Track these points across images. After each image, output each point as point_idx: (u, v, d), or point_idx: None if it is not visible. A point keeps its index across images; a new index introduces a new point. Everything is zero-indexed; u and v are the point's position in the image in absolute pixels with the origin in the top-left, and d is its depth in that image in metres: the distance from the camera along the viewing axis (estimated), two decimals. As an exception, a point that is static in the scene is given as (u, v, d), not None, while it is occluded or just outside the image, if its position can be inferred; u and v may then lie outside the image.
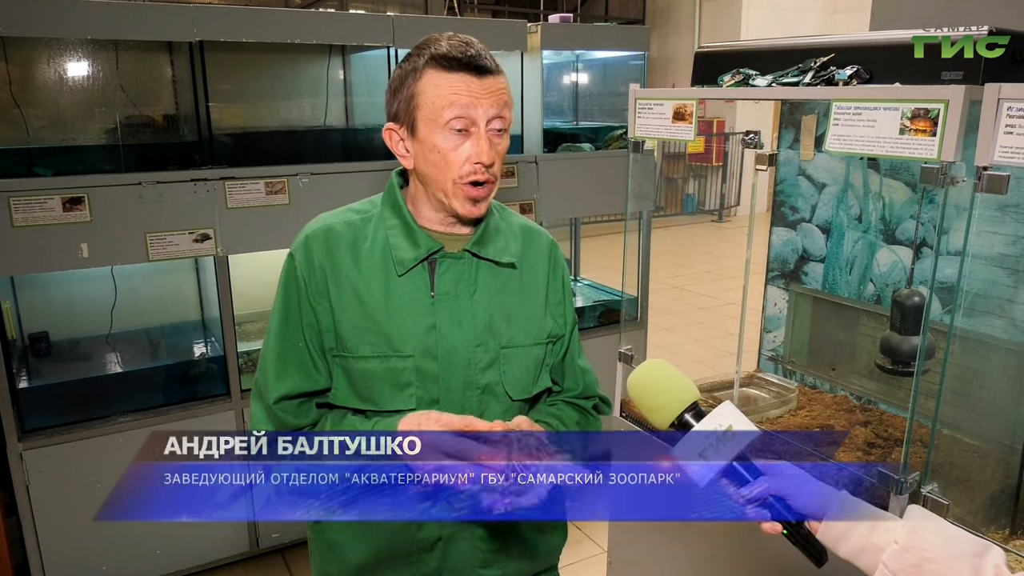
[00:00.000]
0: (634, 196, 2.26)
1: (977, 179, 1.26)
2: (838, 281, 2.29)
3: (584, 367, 1.38)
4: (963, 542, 0.89)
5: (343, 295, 1.18)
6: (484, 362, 1.21)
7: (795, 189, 2.37)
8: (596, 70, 4.01)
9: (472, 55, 1.10)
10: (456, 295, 1.20)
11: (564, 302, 1.32)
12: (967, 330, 1.70)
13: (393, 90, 1.17)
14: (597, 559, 2.95)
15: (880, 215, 2.14)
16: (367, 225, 1.23)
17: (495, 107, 1.12)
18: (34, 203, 2.31)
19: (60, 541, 2.53)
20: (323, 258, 1.19)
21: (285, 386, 1.19)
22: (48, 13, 2.28)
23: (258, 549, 2.91)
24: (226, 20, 2.54)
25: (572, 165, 3.29)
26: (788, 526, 0.98)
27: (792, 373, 2.42)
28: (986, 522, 1.61)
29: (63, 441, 2.49)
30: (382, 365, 1.17)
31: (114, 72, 2.64)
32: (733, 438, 0.98)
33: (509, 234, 1.28)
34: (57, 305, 2.86)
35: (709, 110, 11.15)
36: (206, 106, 2.62)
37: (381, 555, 1.24)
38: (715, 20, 11.29)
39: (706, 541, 1.96)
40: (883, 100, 1.38)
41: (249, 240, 2.66)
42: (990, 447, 1.74)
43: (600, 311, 3.60)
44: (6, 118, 2.53)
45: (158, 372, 2.75)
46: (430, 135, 1.13)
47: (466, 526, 1.24)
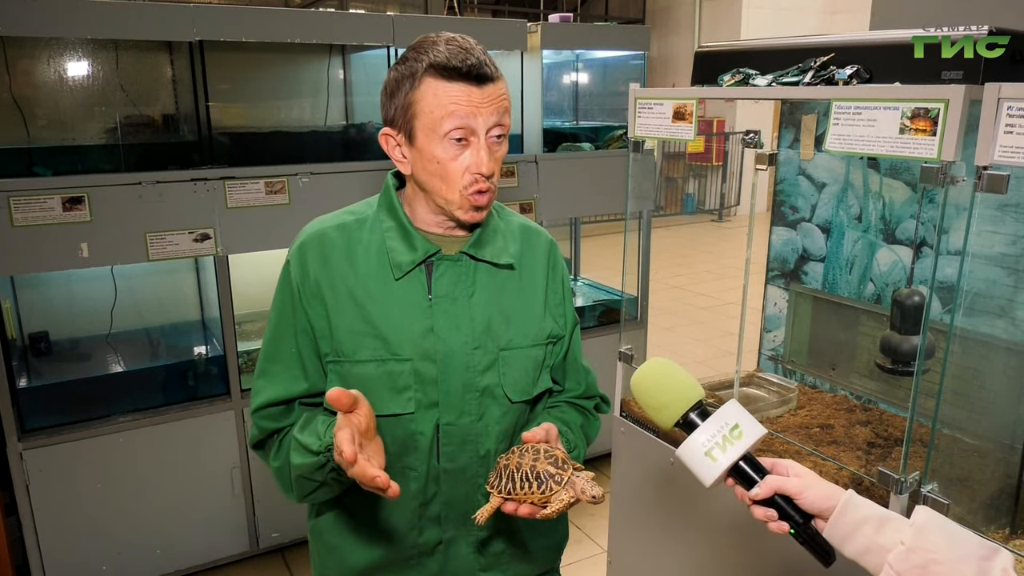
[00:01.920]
0: (634, 196, 2.26)
1: (977, 178, 1.26)
2: (838, 281, 2.29)
3: (586, 367, 1.38)
4: (970, 544, 0.88)
5: (339, 300, 1.17)
6: (483, 364, 1.19)
7: (795, 189, 2.37)
8: (596, 70, 4.01)
9: (472, 63, 1.07)
10: (454, 297, 1.19)
11: (564, 302, 1.31)
12: (967, 330, 1.70)
13: (389, 93, 1.14)
14: (597, 559, 2.95)
15: (880, 215, 2.14)
16: (363, 228, 1.21)
17: (495, 115, 1.10)
18: (34, 203, 2.31)
19: (60, 541, 2.53)
20: (317, 263, 1.18)
21: (266, 395, 1.20)
22: (48, 13, 2.28)
23: (258, 548, 2.91)
24: (226, 20, 2.54)
25: (572, 165, 3.30)
26: (795, 525, 0.97)
27: (792, 373, 2.42)
28: (986, 522, 1.61)
29: (63, 441, 2.49)
30: (380, 369, 1.16)
31: (114, 72, 2.64)
32: (739, 437, 0.97)
33: (507, 234, 1.27)
34: (57, 305, 2.86)
35: (709, 110, 11.15)
36: (206, 106, 2.62)
37: (381, 559, 1.24)
38: (715, 20, 11.29)
39: (706, 540, 1.96)
40: (883, 100, 1.38)
41: (249, 240, 2.66)
42: (990, 447, 1.74)
43: (600, 311, 3.60)
44: (6, 118, 2.53)
45: (158, 372, 2.75)
46: (428, 145, 1.10)
47: (467, 530, 1.24)
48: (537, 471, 1.03)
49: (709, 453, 0.97)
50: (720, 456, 0.97)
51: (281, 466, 1.20)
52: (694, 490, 1.98)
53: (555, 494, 1.03)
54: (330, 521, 1.27)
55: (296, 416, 1.21)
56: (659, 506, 2.14)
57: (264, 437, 1.22)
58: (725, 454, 0.97)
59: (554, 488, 1.02)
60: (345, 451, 0.95)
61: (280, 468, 1.20)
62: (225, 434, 2.75)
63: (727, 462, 0.97)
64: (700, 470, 0.98)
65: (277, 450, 1.21)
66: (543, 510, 1.03)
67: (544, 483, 1.02)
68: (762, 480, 0.97)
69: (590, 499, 1.03)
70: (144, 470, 2.63)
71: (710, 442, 0.97)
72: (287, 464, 1.17)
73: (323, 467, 1.10)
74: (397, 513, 1.22)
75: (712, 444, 0.97)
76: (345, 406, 0.98)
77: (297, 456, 1.13)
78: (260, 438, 1.22)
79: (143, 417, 2.61)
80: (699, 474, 0.98)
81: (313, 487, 1.15)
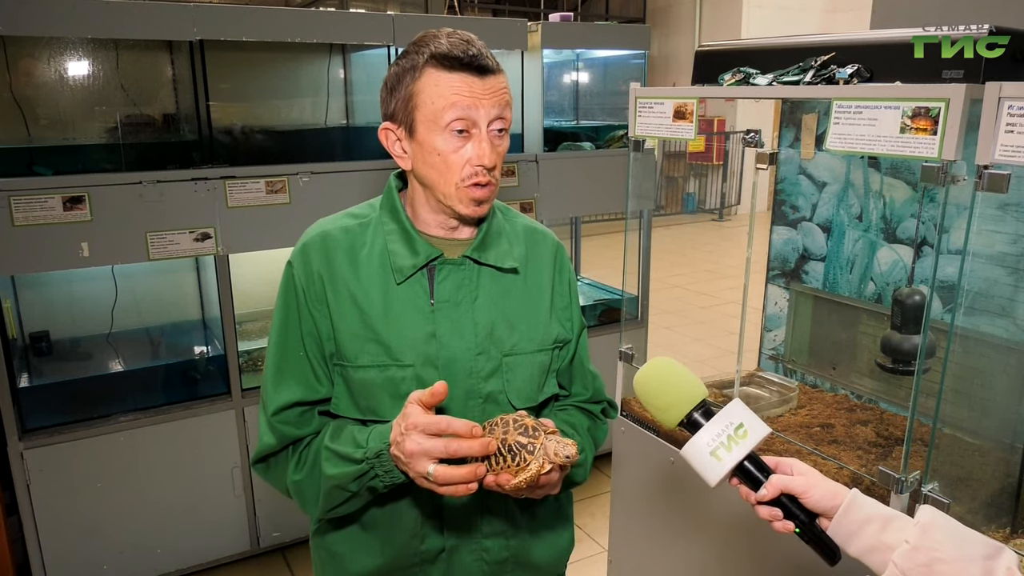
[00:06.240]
0: (635, 195, 2.26)
1: (978, 178, 1.26)
2: (839, 280, 2.28)
3: (593, 372, 1.36)
4: (975, 543, 0.88)
5: (341, 303, 1.15)
6: (486, 371, 1.17)
7: (796, 188, 2.37)
8: (597, 69, 4.01)
9: (474, 54, 1.07)
10: (456, 302, 1.17)
11: (571, 306, 1.29)
12: (968, 329, 1.70)
13: (390, 88, 1.13)
14: (597, 559, 2.95)
15: (881, 214, 2.14)
16: (365, 231, 1.19)
17: (496, 107, 1.09)
18: (34, 202, 2.31)
19: (61, 540, 2.54)
20: (321, 265, 1.16)
21: (283, 397, 1.17)
22: (48, 12, 2.28)
23: (259, 548, 2.91)
24: (226, 19, 2.54)
25: (572, 164, 3.29)
26: (801, 524, 0.96)
27: (793, 372, 2.42)
28: (987, 521, 1.61)
29: (64, 440, 2.49)
30: (381, 375, 1.14)
31: (114, 71, 2.64)
32: (744, 437, 0.96)
33: (512, 237, 1.25)
34: (58, 304, 2.86)
35: (710, 109, 11.15)
36: (206, 105, 2.62)
37: (384, 566, 1.22)
38: (716, 19, 11.29)
39: (708, 539, 1.96)
40: (884, 99, 1.38)
41: (249, 239, 2.66)
42: (991, 446, 1.74)
43: (600, 310, 3.60)
44: (7, 117, 2.53)
45: (159, 371, 2.75)
46: (430, 137, 1.09)
47: (470, 537, 1.22)
48: (508, 443, 1.02)
49: (714, 453, 0.96)
50: (725, 456, 0.96)
51: (304, 479, 1.16)
52: (695, 489, 1.98)
53: (529, 464, 1.01)
54: (332, 529, 1.25)
55: (317, 426, 1.19)
56: (660, 505, 2.14)
57: (278, 449, 1.18)
58: (730, 454, 0.96)
59: (527, 458, 1.01)
60: (460, 428, 0.99)
61: (302, 481, 1.17)
62: (226, 433, 2.75)
63: (732, 462, 0.96)
64: (705, 470, 0.97)
65: (298, 463, 1.17)
66: (514, 479, 1.02)
67: (517, 454, 1.01)
68: (767, 480, 0.97)
69: (563, 460, 1.01)
70: (145, 469, 2.63)
71: (715, 442, 0.96)
72: (316, 476, 1.14)
73: (362, 476, 1.08)
74: (399, 520, 1.20)
75: (717, 444, 0.96)
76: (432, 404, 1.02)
77: (332, 466, 1.10)
78: (276, 448, 1.18)
79: (144, 416, 2.61)
80: (704, 474, 0.98)
81: (344, 498, 1.13)
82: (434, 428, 0.99)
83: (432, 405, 1.01)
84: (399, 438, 1.02)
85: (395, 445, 1.03)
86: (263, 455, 1.19)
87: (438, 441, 0.99)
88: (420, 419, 1.00)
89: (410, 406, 1.02)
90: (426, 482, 1.00)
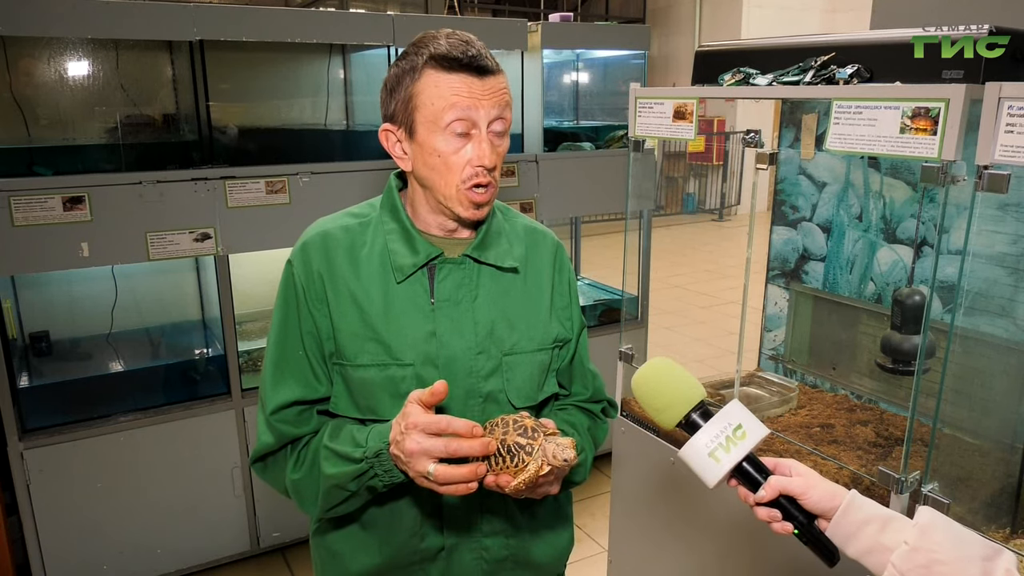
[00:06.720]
0: (634, 195, 2.26)
1: (978, 178, 1.26)
2: (839, 280, 2.29)
3: (593, 371, 1.36)
4: (974, 544, 0.88)
5: (341, 302, 1.15)
6: (486, 370, 1.18)
7: (796, 188, 2.37)
8: (596, 69, 4.01)
9: (473, 55, 1.07)
10: (456, 301, 1.17)
11: (571, 305, 1.29)
12: (968, 329, 1.70)
13: (389, 89, 1.13)
14: (597, 559, 2.95)
15: (881, 214, 2.14)
16: (366, 230, 1.20)
17: (496, 108, 1.09)
18: (34, 202, 2.31)
19: (61, 540, 2.54)
20: (321, 264, 1.16)
21: (282, 396, 1.17)
22: (48, 12, 2.28)
23: (259, 548, 2.91)
24: (226, 19, 2.54)
25: (572, 164, 3.30)
26: (799, 526, 0.96)
27: (793, 372, 2.42)
28: (986, 521, 1.61)
29: (64, 440, 2.49)
30: (381, 374, 1.14)
31: (114, 71, 2.64)
32: (743, 438, 0.96)
33: (512, 236, 1.25)
34: (58, 304, 2.86)
35: (710, 109, 11.15)
36: (206, 105, 2.62)
37: (383, 565, 1.22)
38: (716, 19, 11.29)
39: (707, 540, 1.96)
40: (884, 99, 1.38)
41: (249, 239, 2.66)
42: (991, 446, 1.74)
43: (600, 310, 3.60)
44: (6, 117, 2.53)
45: (159, 371, 2.75)
46: (430, 138, 1.09)
47: (469, 536, 1.23)
48: (508, 444, 1.01)
49: (713, 454, 0.96)
50: (724, 457, 0.96)
51: (302, 478, 1.16)
52: (695, 490, 1.98)
53: (527, 465, 1.01)
54: (332, 528, 1.25)
55: (316, 425, 1.19)
56: (659, 506, 2.14)
57: (276, 448, 1.18)
58: (729, 455, 0.96)
59: (526, 460, 1.01)
60: (460, 427, 0.99)
61: (301, 480, 1.17)
62: (226, 433, 2.75)
63: (731, 463, 0.96)
64: (704, 471, 0.97)
65: (296, 462, 1.18)
66: (513, 480, 1.02)
67: (515, 455, 1.01)
68: (766, 481, 0.97)
69: (561, 463, 1.01)
70: (145, 469, 2.63)
71: (713, 443, 0.96)
72: (315, 475, 1.14)
73: (362, 475, 1.08)
74: (399, 519, 1.20)
75: (716, 445, 0.96)
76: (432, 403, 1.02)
77: (332, 466, 1.11)
78: (275, 447, 1.18)
79: (144, 417, 2.61)
80: (702, 475, 0.97)
81: (343, 497, 1.13)
82: (434, 427, 0.99)
83: (432, 404, 1.01)
84: (399, 437, 1.02)
85: (395, 444, 1.03)
86: (261, 454, 1.19)
87: (438, 440, 0.99)
88: (420, 418, 1.00)
89: (410, 405, 1.02)
90: (426, 481, 1.00)
